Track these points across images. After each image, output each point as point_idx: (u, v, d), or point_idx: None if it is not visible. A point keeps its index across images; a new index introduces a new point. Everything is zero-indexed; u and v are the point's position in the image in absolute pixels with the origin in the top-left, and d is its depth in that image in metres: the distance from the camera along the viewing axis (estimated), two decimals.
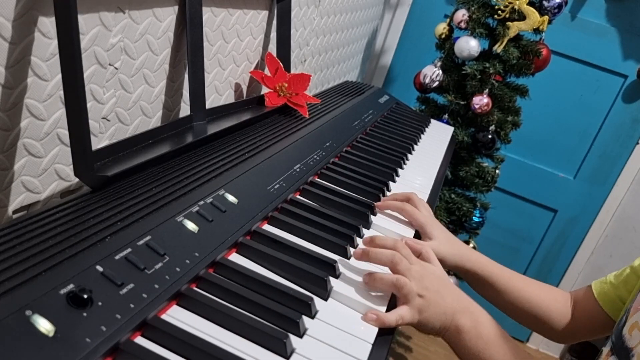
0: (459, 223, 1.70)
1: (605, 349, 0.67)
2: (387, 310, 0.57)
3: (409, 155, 1.09)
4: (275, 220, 0.66)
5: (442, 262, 0.79)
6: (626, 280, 0.75)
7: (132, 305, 0.43)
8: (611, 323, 0.74)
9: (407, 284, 0.59)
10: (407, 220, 0.80)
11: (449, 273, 1.75)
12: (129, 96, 0.71)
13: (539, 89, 1.84)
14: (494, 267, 0.83)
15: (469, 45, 1.51)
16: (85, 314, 0.39)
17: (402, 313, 0.57)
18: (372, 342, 0.51)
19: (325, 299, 0.56)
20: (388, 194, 0.87)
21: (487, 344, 0.60)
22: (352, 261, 0.64)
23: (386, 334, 0.55)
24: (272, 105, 0.96)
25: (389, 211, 0.80)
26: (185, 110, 0.85)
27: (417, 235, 0.78)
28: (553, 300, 0.82)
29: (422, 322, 0.59)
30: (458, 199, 1.66)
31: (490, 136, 1.59)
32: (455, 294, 0.63)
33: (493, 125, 1.59)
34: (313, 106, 1.08)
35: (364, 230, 0.72)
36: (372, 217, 0.77)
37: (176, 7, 0.74)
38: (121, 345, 0.40)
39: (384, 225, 0.76)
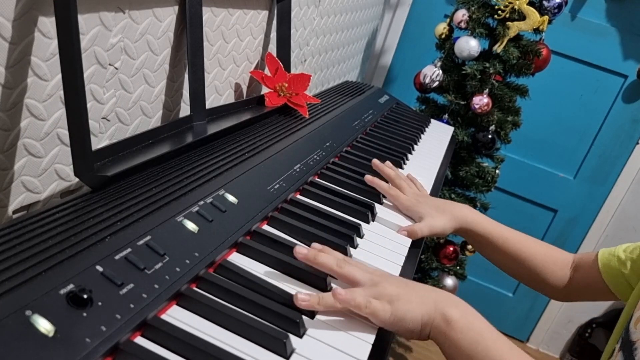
0: None
1: (617, 346, 0.67)
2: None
3: (409, 155, 1.09)
4: (275, 220, 0.66)
5: (443, 233, 0.80)
6: (635, 260, 0.73)
7: (132, 305, 0.43)
8: (609, 293, 0.74)
9: (351, 291, 0.52)
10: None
11: (447, 272, 1.76)
12: (129, 96, 0.71)
13: (539, 89, 1.84)
14: (491, 225, 0.83)
15: (469, 45, 1.51)
16: (85, 314, 0.39)
17: (371, 299, 0.52)
18: (372, 342, 0.51)
19: None
20: None
21: (481, 335, 0.52)
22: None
23: (386, 334, 0.55)
24: (272, 105, 0.96)
25: (388, 209, 0.81)
26: (185, 110, 0.85)
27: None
28: (551, 262, 0.82)
29: (398, 313, 0.52)
30: (458, 199, 1.66)
31: (490, 136, 1.59)
32: (427, 287, 0.57)
33: (493, 125, 1.59)
34: (313, 106, 1.08)
35: (364, 230, 0.72)
36: (372, 217, 0.77)
37: (176, 7, 0.74)
38: (121, 345, 0.40)
39: (383, 225, 0.76)
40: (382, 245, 0.71)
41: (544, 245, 0.84)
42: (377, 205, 0.80)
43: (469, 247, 1.76)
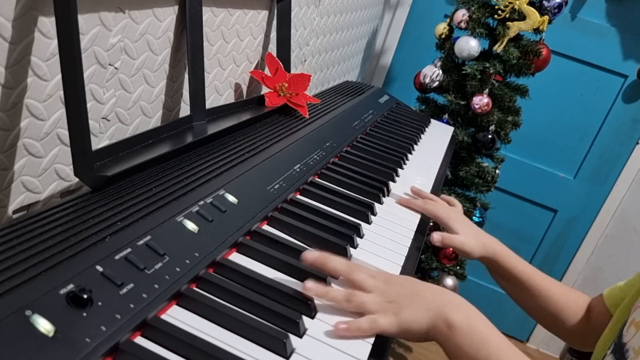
0: None
1: (608, 351, 0.67)
2: None
3: (409, 155, 1.09)
4: (275, 220, 0.66)
5: (469, 255, 0.81)
6: (632, 284, 0.74)
7: (132, 305, 0.43)
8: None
9: (357, 294, 0.54)
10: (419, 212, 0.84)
11: (448, 273, 1.75)
12: (129, 96, 0.71)
13: (539, 89, 1.84)
14: (517, 261, 0.84)
15: (469, 45, 1.51)
16: (85, 314, 0.39)
17: (376, 317, 0.52)
18: (372, 342, 0.51)
19: None
20: (388, 193, 0.87)
21: (483, 340, 0.53)
22: (354, 261, 0.64)
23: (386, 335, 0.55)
24: (272, 105, 0.96)
25: (389, 210, 0.81)
26: (185, 110, 0.85)
27: (422, 230, 0.78)
28: (573, 304, 0.82)
29: (404, 324, 0.53)
30: (458, 199, 1.66)
31: (490, 136, 1.59)
32: (435, 289, 0.56)
33: (493, 125, 1.59)
34: (313, 106, 1.08)
35: (364, 230, 0.72)
36: (372, 217, 0.77)
37: (176, 7, 0.74)
38: (121, 345, 0.40)
39: (384, 225, 0.76)
40: (383, 245, 0.71)
41: (564, 286, 0.85)
42: (377, 205, 0.80)
43: None
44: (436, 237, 0.79)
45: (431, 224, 0.89)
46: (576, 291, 0.85)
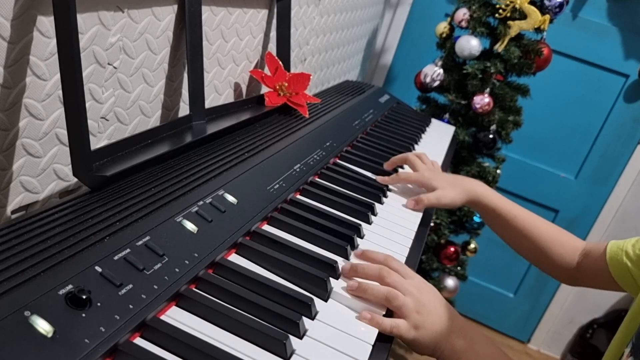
0: (459, 223, 1.70)
1: (627, 350, 0.66)
2: (386, 315, 0.56)
3: None
4: (275, 220, 0.66)
5: (452, 204, 0.84)
6: None
7: (131, 306, 0.42)
8: (616, 285, 0.75)
9: (400, 297, 0.57)
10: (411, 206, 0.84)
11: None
12: (127, 95, 0.71)
13: (540, 89, 1.84)
14: (502, 201, 0.86)
15: (469, 45, 1.51)
16: (84, 315, 0.39)
17: (399, 323, 0.56)
18: (372, 343, 0.51)
19: (326, 300, 0.55)
20: (388, 193, 0.87)
21: None
22: (353, 260, 0.64)
23: (387, 335, 0.54)
24: (272, 104, 0.96)
25: (389, 210, 0.80)
26: (184, 109, 0.84)
27: (423, 230, 0.78)
28: (558, 244, 0.83)
29: (417, 339, 0.57)
30: None
31: (491, 136, 1.59)
32: (451, 312, 0.60)
33: (494, 125, 1.59)
34: (313, 106, 1.08)
35: (365, 230, 0.72)
36: (372, 217, 0.77)
37: (175, 6, 0.74)
38: (120, 346, 0.40)
39: (384, 225, 0.76)
40: (383, 245, 0.70)
41: (554, 227, 0.85)
42: (377, 205, 0.80)
43: (470, 247, 1.75)
44: (409, 203, 0.81)
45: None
46: (567, 233, 0.85)
